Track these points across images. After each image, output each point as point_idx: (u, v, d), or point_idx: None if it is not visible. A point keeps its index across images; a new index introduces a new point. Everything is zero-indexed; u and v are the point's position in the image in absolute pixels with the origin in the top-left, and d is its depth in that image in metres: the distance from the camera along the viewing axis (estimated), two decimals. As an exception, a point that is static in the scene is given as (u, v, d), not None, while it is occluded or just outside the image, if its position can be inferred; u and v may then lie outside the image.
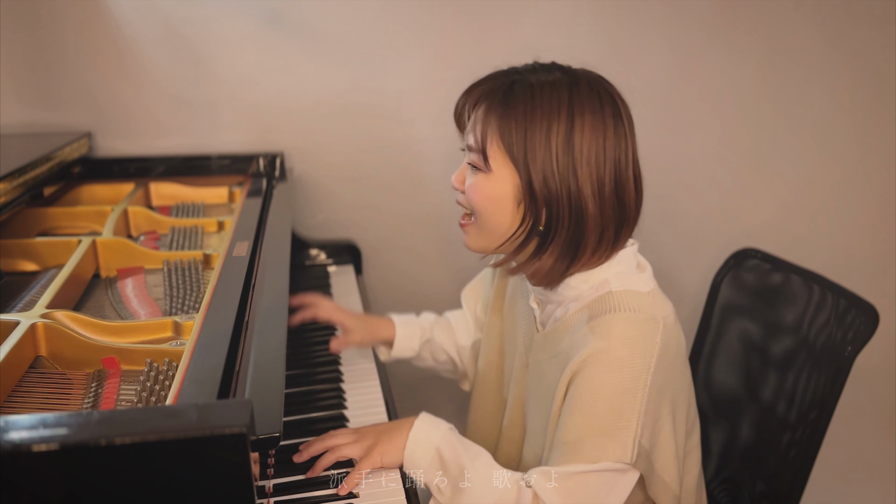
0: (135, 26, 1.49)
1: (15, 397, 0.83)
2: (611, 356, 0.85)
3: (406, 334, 1.22)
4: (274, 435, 0.72)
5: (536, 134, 0.86)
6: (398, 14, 1.55)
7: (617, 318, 0.87)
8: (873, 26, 1.66)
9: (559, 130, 0.86)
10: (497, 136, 0.88)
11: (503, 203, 0.90)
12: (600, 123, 0.87)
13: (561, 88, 0.87)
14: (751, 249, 1.29)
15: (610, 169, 0.87)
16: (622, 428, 0.84)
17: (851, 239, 1.81)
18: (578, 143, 0.86)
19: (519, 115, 0.87)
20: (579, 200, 0.87)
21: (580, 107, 0.87)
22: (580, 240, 0.89)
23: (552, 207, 0.87)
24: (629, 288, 0.91)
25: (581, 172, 0.86)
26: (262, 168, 1.56)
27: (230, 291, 0.95)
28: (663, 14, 1.62)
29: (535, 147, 0.86)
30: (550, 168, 0.86)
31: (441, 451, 0.90)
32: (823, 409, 1.06)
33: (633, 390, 0.85)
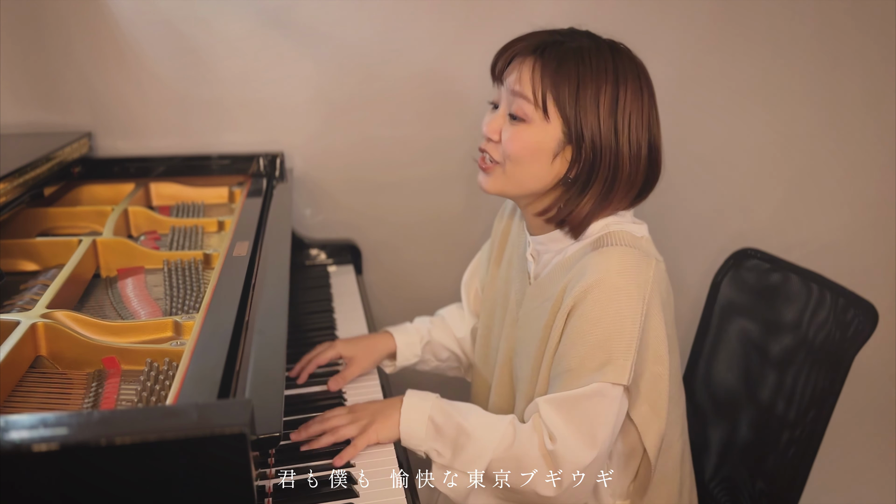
0: (135, 26, 1.49)
1: (15, 397, 0.83)
2: (607, 286, 0.90)
3: (406, 342, 1.23)
4: (274, 435, 0.73)
5: (587, 93, 0.92)
6: (398, 14, 1.55)
7: (613, 251, 0.93)
8: (873, 26, 1.66)
9: (607, 93, 0.92)
10: (551, 90, 0.93)
11: (542, 155, 0.95)
12: (639, 91, 0.95)
13: (606, 54, 0.94)
14: (750, 249, 1.29)
15: (645, 133, 0.95)
16: (621, 351, 0.90)
17: (851, 239, 1.81)
18: (622, 106, 0.93)
19: (572, 73, 0.92)
20: (618, 158, 0.93)
21: (624, 74, 0.94)
22: (610, 192, 0.95)
23: (595, 161, 0.93)
24: (626, 229, 0.97)
25: (622, 134, 0.93)
26: (262, 168, 1.56)
27: (230, 291, 0.95)
28: (662, 15, 1.62)
29: (587, 106, 0.92)
30: (597, 127, 0.92)
31: (433, 418, 0.96)
32: (823, 407, 1.06)
33: (629, 316, 0.90)
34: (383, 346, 1.22)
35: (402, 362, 1.23)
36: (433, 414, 0.96)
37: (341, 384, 1.15)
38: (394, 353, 1.22)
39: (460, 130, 1.65)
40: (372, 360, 1.20)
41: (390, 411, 0.98)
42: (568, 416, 0.90)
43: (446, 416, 0.96)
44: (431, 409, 0.97)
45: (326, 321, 1.37)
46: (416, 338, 1.24)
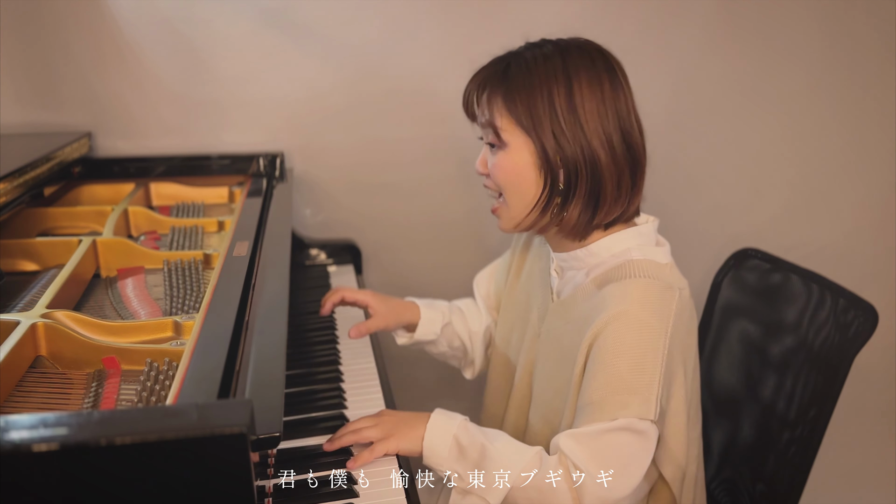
0: (135, 26, 1.49)
1: (15, 397, 0.83)
2: (630, 318, 0.89)
3: (430, 318, 1.22)
4: (274, 435, 0.72)
5: (539, 99, 0.92)
6: (398, 14, 1.55)
7: (636, 283, 0.92)
8: (873, 26, 1.66)
9: (559, 93, 0.92)
10: (504, 110, 0.94)
11: (525, 172, 0.95)
12: (596, 80, 0.93)
13: (554, 56, 0.94)
14: (751, 249, 1.29)
15: (613, 119, 0.93)
16: (645, 385, 0.88)
17: (851, 239, 1.81)
18: (580, 101, 0.92)
19: (520, 87, 0.93)
20: (591, 153, 0.92)
21: (574, 68, 0.93)
22: (599, 189, 0.94)
23: (568, 164, 0.93)
24: (649, 258, 0.95)
25: (588, 128, 0.92)
26: (262, 168, 1.56)
27: (230, 291, 0.95)
28: (662, 16, 1.62)
29: (541, 112, 0.92)
30: (559, 129, 0.92)
31: (459, 438, 0.93)
32: (823, 407, 1.06)
33: (653, 350, 0.89)
34: (408, 313, 1.21)
35: (420, 336, 1.22)
36: (458, 433, 0.93)
37: (364, 332, 1.16)
38: (415, 324, 1.21)
39: (460, 131, 1.64)
40: (396, 321, 1.20)
41: (416, 423, 0.95)
42: (592, 450, 0.88)
43: (471, 438, 0.93)
44: (458, 428, 0.93)
45: (326, 321, 1.37)
46: (440, 316, 1.22)
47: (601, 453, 0.88)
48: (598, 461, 0.88)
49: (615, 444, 0.88)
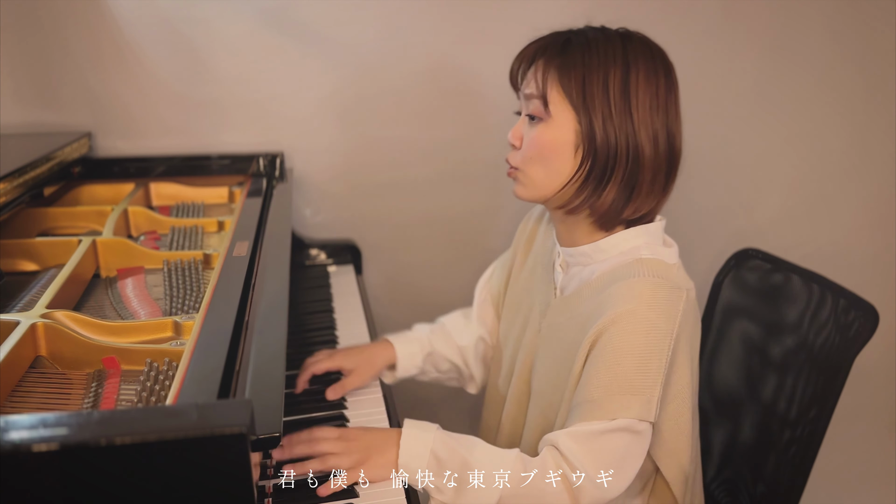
0: (135, 26, 1.49)
1: (15, 397, 0.82)
2: (637, 318, 0.89)
3: (407, 353, 1.20)
4: (274, 435, 0.72)
5: (595, 80, 0.91)
6: (398, 14, 1.55)
7: (645, 282, 0.91)
8: (873, 25, 1.66)
9: (616, 77, 0.91)
10: (557, 83, 0.93)
11: (562, 150, 0.94)
12: (653, 74, 0.92)
13: (615, 39, 0.93)
14: (751, 249, 1.29)
15: (662, 116, 0.93)
16: (647, 386, 0.88)
17: (851, 239, 1.81)
18: (634, 90, 0.91)
19: (577, 63, 0.92)
20: (636, 141, 0.91)
21: (634, 56, 0.92)
22: (636, 180, 0.93)
23: (610, 149, 0.91)
24: (658, 257, 0.95)
25: (637, 117, 0.91)
26: (262, 168, 1.56)
27: (230, 291, 0.95)
28: (662, 13, 1.62)
29: (594, 93, 0.91)
30: (609, 113, 0.91)
31: (436, 451, 0.91)
32: (823, 407, 1.06)
33: (657, 351, 0.89)
34: (383, 356, 1.19)
35: (403, 374, 1.21)
36: (435, 447, 0.91)
37: (340, 393, 1.12)
38: (394, 363, 1.20)
39: (460, 131, 1.65)
40: (372, 372, 1.17)
41: (386, 447, 0.92)
42: (592, 450, 0.88)
43: (450, 450, 0.91)
44: (434, 441, 0.91)
45: (326, 321, 1.37)
46: (418, 348, 1.21)
47: (600, 453, 0.88)
48: (596, 461, 0.88)
49: (613, 443, 0.88)
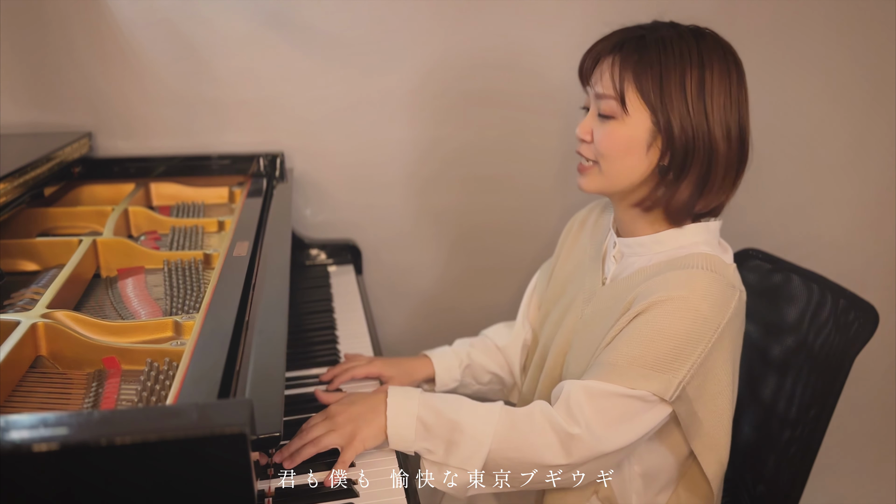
0: (135, 26, 1.49)
1: (15, 397, 0.83)
2: (688, 305, 0.90)
3: (445, 367, 1.20)
4: (274, 435, 0.73)
5: (672, 80, 0.92)
6: (398, 14, 1.55)
7: (702, 275, 0.92)
8: (873, 24, 1.66)
9: (692, 76, 0.92)
10: (633, 83, 0.93)
11: (635, 147, 0.95)
12: (726, 72, 0.94)
13: (689, 39, 0.94)
14: (751, 249, 1.29)
15: (735, 113, 0.94)
16: (674, 368, 0.89)
17: (851, 239, 1.81)
18: (710, 89, 0.92)
19: (654, 62, 0.93)
20: (710, 141, 0.93)
21: (709, 57, 0.93)
22: (709, 176, 0.95)
23: (688, 148, 0.93)
24: (717, 255, 0.96)
25: (712, 116, 0.92)
26: (263, 168, 1.56)
27: (230, 291, 0.95)
28: (662, 12, 1.61)
29: (672, 92, 0.92)
30: (685, 112, 0.92)
31: (422, 417, 0.93)
32: (823, 407, 1.06)
33: (697, 340, 0.90)
34: (422, 370, 1.19)
35: (442, 388, 1.21)
36: (421, 413, 0.94)
37: None
38: (432, 377, 1.20)
39: (460, 130, 1.65)
40: (410, 382, 1.17)
41: (373, 416, 0.94)
42: (601, 407, 0.90)
43: (436, 414, 0.93)
44: (419, 406, 0.94)
45: (326, 321, 1.37)
46: (455, 362, 1.21)
47: (606, 411, 0.90)
48: (599, 417, 0.90)
49: (622, 405, 0.90)
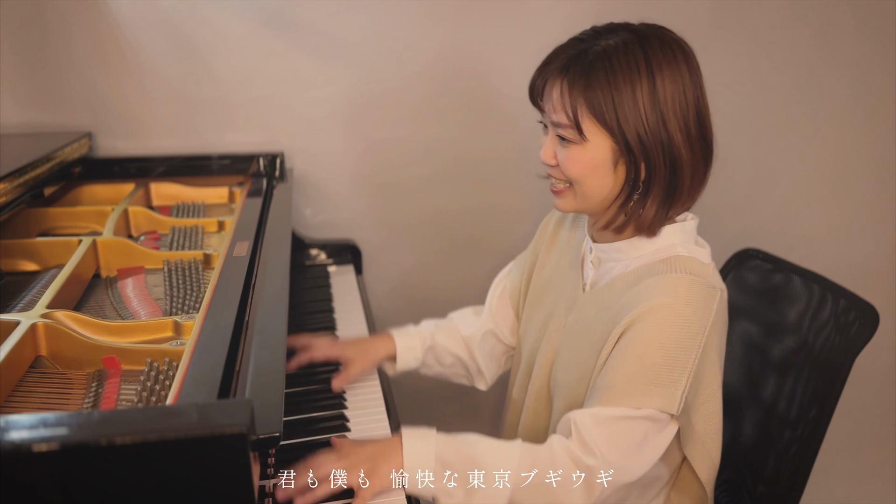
0: (135, 26, 1.49)
1: (15, 397, 0.83)
2: (673, 312, 0.89)
3: (407, 346, 1.20)
4: (274, 435, 0.72)
5: (623, 97, 0.90)
6: (398, 14, 1.55)
7: (682, 279, 0.91)
8: (873, 26, 1.66)
9: (643, 89, 0.90)
10: (586, 108, 0.91)
11: (602, 168, 0.93)
12: (677, 72, 0.91)
13: (634, 48, 0.91)
14: (752, 250, 1.29)
15: (693, 112, 0.92)
16: (673, 380, 0.88)
17: (852, 239, 1.81)
18: (662, 96, 0.90)
19: (602, 83, 0.90)
20: (672, 149, 0.91)
21: (657, 61, 0.90)
22: (677, 184, 0.93)
23: (650, 161, 0.91)
24: (694, 256, 0.96)
25: (670, 123, 0.90)
26: (263, 168, 1.56)
27: (230, 291, 0.95)
28: (663, 12, 1.61)
29: (625, 110, 0.90)
30: (642, 126, 0.90)
31: (440, 455, 0.90)
32: (824, 407, 1.06)
33: (688, 347, 0.89)
34: (384, 348, 1.19)
35: (402, 366, 1.21)
36: (439, 451, 0.90)
37: (344, 383, 1.14)
38: (393, 355, 1.20)
39: (461, 131, 1.65)
40: (372, 361, 1.18)
41: (391, 454, 0.90)
42: (611, 433, 0.88)
43: (455, 451, 0.90)
44: (436, 445, 0.90)
45: (326, 321, 1.37)
46: (419, 341, 1.21)
47: (617, 437, 0.88)
48: (613, 444, 0.88)
49: (633, 430, 0.89)
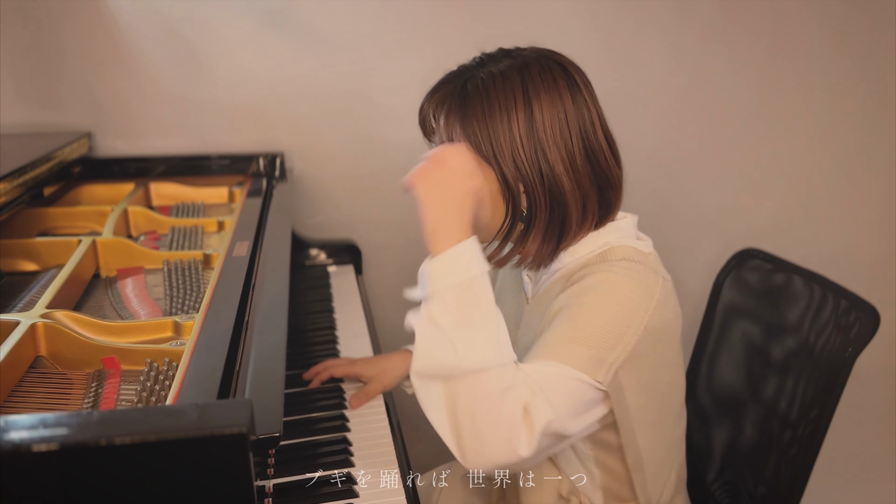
0: (135, 26, 1.49)
1: (15, 397, 0.82)
2: (614, 287, 0.86)
3: None
4: (274, 435, 0.72)
5: (498, 127, 0.86)
6: (398, 13, 1.55)
7: (619, 265, 0.88)
8: (874, 26, 1.66)
9: (519, 118, 0.86)
10: (463, 138, 0.89)
11: (485, 201, 0.89)
12: (557, 98, 0.87)
13: (512, 76, 0.88)
14: (752, 250, 1.29)
15: (577, 140, 0.88)
16: (604, 349, 0.83)
17: (852, 239, 1.81)
18: (540, 124, 0.86)
19: (478, 114, 0.87)
20: (553, 179, 0.87)
21: (534, 88, 0.87)
22: (563, 216, 0.89)
23: (529, 193, 0.88)
24: (630, 245, 0.92)
25: (550, 152, 0.87)
26: (262, 168, 1.56)
27: (230, 291, 0.95)
28: (664, 13, 1.62)
29: (500, 140, 0.87)
30: (519, 156, 0.87)
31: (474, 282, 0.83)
32: (824, 408, 1.06)
33: (626, 324, 0.84)
34: (403, 365, 1.17)
35: None
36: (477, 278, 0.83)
37: (364, 401, 1.11)
38: None
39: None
40: (392, 378, 1.16)
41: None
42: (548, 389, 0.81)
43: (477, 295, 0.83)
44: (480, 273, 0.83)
45: (326, 321, 1.37)
46: None
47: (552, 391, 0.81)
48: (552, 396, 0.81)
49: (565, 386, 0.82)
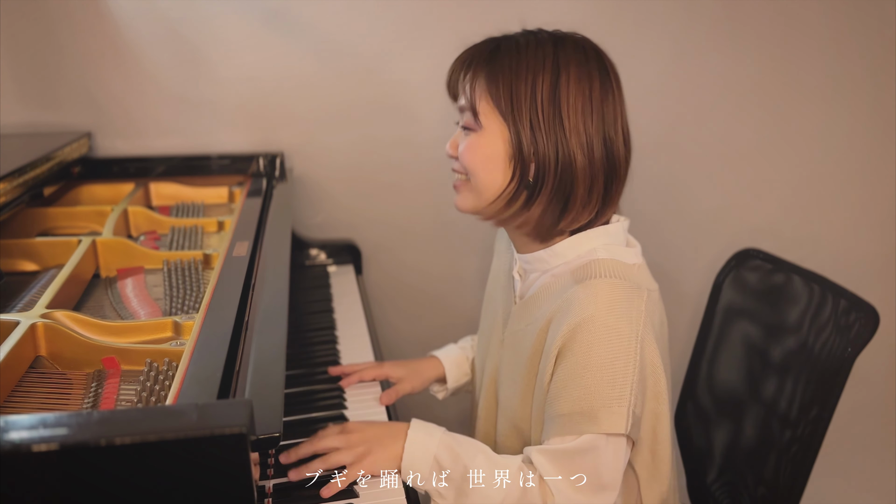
0: (135, 26, 1.49)
1: (15, 397, 0.82)
2: (597, 325, 0.85)
3: (454, 362, 1.20)
4: (274, 435, 0.72)
5: (522, 86, 0.87)
6: (399, 13, 1.55)
7: (601, 284, 0.87)
8: (874, 25, 1.66)
9: (544, 81, 0.87)
10: (485, 92, 0.90)
11: (496, 160, 0.90)
12: (585, 76, 0.88)
13: (546, 44, 0.89)
14: (752, 250, 1.29)
15: (598, 122, 0.88)
16: (616, 398, 0.84)
17: (852, 239, 1.81)
18: (564, 93, 0.87)
19: (505, 70, 0.88)
20: (567, 152, 0.87)
21: (565, 60, 0.88)
22: (569, 191, 0.89)
23: (540, 159, 0.88)
24: (616, 258, 0.91)
25: (567, 123, 0.87)
26: (262, 168, 1.56)
27: (230, 291, 0.95)
28: (664, 12, 1.62)
29: (521, 99, 0.87)
30: (537, 120, 0.87)
31: (439, 458, 0.89)
32: (824, 408, 1.06)
33: (622, 358, 0.85)
34: (432, 369, 1.19)
35: (454, 384, 1.20)
36: (438, 453, 0.89)
37: (393, 398, 1.12)
38: (443, 376, 1.19)
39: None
40: (422, 380, 1.17)
41: (391, 441, 0.90)
42: (565, 470, 0.85)
43: (453, 457, 0.89)
44: (438, 446, 0.89)
45: (326, 321, 1.37)
46: (463, 356, 1.20)
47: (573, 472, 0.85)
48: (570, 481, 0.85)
49: (586, 462, 0.85)
